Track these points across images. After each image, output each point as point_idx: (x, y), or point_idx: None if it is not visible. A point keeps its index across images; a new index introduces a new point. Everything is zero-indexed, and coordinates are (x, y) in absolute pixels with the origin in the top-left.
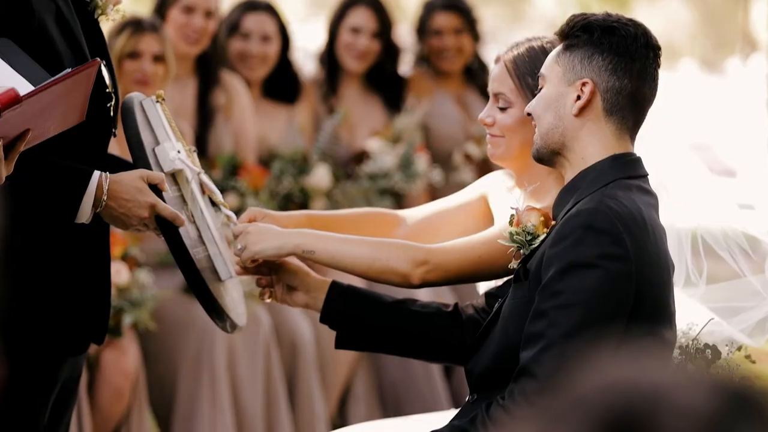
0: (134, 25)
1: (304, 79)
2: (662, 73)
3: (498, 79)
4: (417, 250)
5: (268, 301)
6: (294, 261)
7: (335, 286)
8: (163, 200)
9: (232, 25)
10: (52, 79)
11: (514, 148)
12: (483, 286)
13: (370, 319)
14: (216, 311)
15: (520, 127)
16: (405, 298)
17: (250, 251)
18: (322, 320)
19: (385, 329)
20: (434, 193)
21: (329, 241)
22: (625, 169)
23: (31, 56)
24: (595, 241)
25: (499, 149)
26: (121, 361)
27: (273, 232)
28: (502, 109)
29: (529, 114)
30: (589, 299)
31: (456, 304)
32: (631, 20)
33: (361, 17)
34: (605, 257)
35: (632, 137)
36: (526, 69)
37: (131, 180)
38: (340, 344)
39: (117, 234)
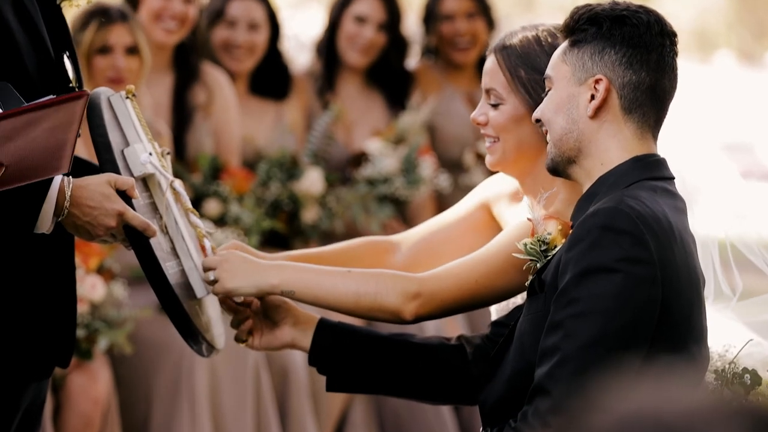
0: (101, 16)
1: (296, 72)
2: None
3: (489, 73)
4: (408, 281)
5: (242, 345)
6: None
7: (324, 321)
8: (133, 208)
9: (216, 12)
10: (28, 105)
11: (510, 151)
12: (495, 314)
13: (365, 357)
14: (190, 332)
15: (513, 125)
16: (403, 332)
17: (223, 287)
18: (311, 362)
19: (381, 368)
20: (441, 200)
21: (310, 277)
22: (649, 170)
23: None
24: (615, 243)
25: (495, 155)
26: (91, 386)
27: (249, 268)
28: (494, 106)
29: (538, 121)
30: (609, 307)
31: (460, 337)
32: (641, 6)
33: (367, 5)
34: (626, 260)
35: (654, 136)
36: (519, 61)
37: (97, 185)
38: (331, 386)
39: (93, 244)
